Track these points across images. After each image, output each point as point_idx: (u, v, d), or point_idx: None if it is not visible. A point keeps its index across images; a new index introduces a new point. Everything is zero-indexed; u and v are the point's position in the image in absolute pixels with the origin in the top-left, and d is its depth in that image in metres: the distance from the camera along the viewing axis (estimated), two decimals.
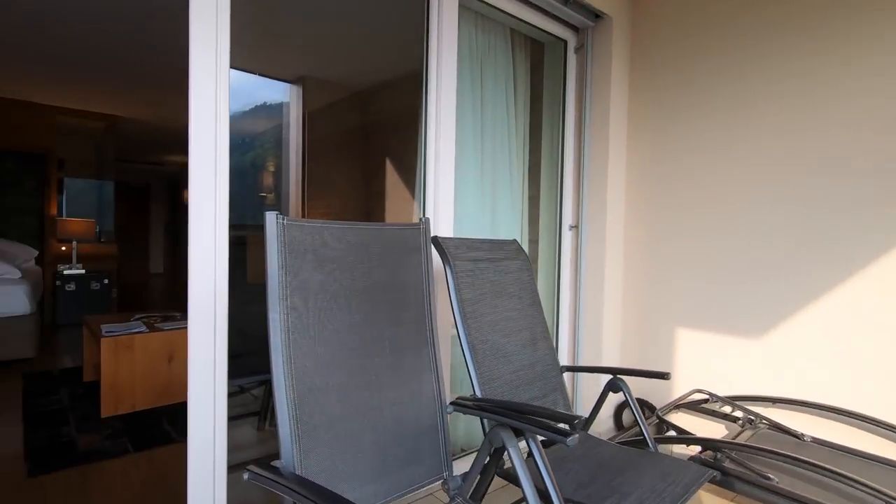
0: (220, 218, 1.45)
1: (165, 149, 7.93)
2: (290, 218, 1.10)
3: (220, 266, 1.46)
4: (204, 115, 1.41)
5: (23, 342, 3.46)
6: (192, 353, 1.35)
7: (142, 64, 3.86)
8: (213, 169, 1.42)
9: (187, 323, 1.37)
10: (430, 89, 1.92)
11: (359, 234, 1.25)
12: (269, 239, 1.08)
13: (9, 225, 4.96)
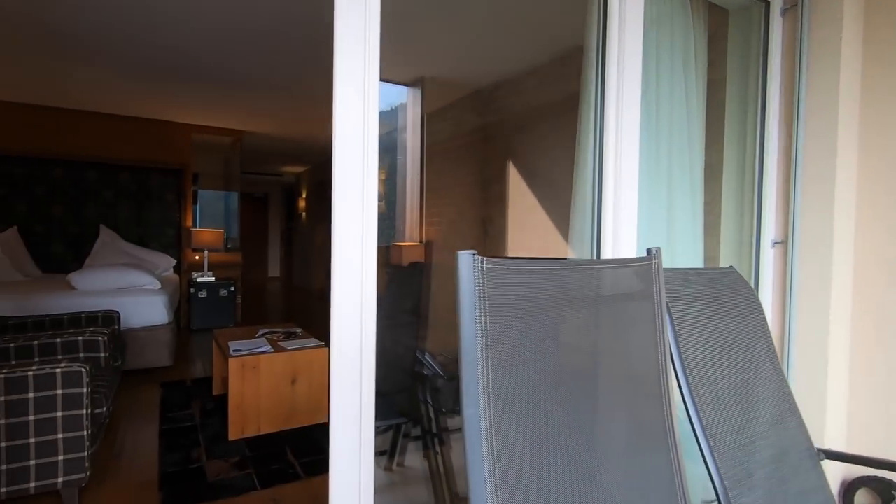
0: (367, 240, 1.17)
1: (283, 160, 8.31)
2: (490, 260, 0.74)
3: (368, 294, 1.19)
4: (351, 131, 1.15)
5: (161, 351, 3.59)
6: (335, 395, 1.11)
7: (266, 83, 3.90)
8: (360, 188, 1.14)
9: (307, 342, 1.10)
10: (610, 72, 1.50)
11: (578, 276, 0.86)
12: (464, 291, 0.73)
13: (152, 235, 5.36)
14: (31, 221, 4.83)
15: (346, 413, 1.15)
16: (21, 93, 4.46)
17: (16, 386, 1.73)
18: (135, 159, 5.25)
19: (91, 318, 2.93)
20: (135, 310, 3.55)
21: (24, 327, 2.75)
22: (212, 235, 5.36)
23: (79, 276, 3.53)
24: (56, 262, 4.92)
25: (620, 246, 1.51)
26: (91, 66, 3.69)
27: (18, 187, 4.77)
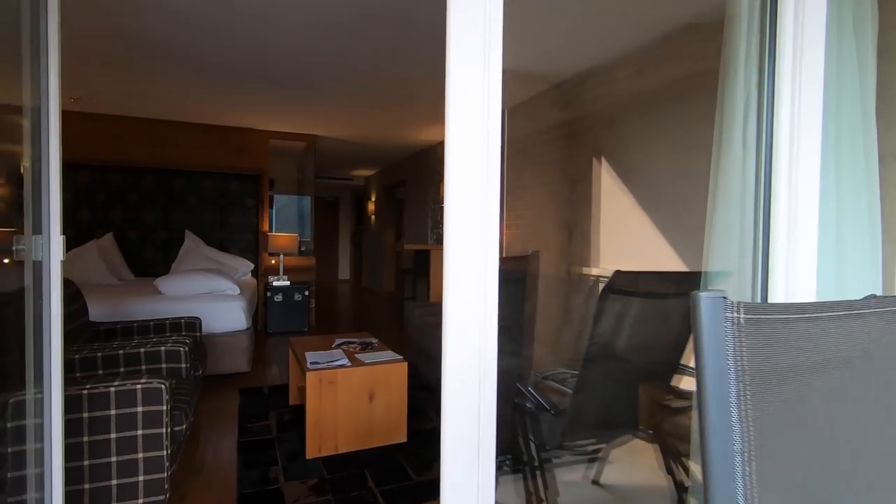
0: (489, 252, 0.96)
1: (354, 163, 8.37)
2: (750, 307, 0.46)
3: (490, 316, 1.00)
4: (469, 130, 0.95)
5: (240, 357, 3.59)
6: (450, 430, 0.91)
7: (342, 85, 3.82)
8: (481, 192, 0.93)
9: (384, 355, 0.87)
10: (783, 41, 1.17)
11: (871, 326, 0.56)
12: (708, 350, 0.46)
13: (232, 240, 5.50)
14: (126, 227, 5.09)
15: (460, 451, 0.95)
16: (117, 106, 4.70)
17: (98, 402, 1.66)
18: (217, 166, 5.42)
19: (175, 325, 2.93)
20: (215, 315, 3.58)
21: (113, 334, 2.80)
22: (287, 240, 5.41)
23: (165, 282, 3.61)
24: (147, 266, 5.16)
25: (797, 273, 1.17)
26: (177, 77, 3.78)
27: (115, 195, 5.05)
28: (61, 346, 1.33)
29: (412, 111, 4.75)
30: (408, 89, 4.01)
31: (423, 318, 3.89)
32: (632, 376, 1.74)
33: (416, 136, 5.92)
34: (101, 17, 2.77)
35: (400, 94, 4.20)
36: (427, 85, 3.89)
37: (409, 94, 4.16)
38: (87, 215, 4.96)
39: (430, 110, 4.71)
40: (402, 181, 7.81)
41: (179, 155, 5.29)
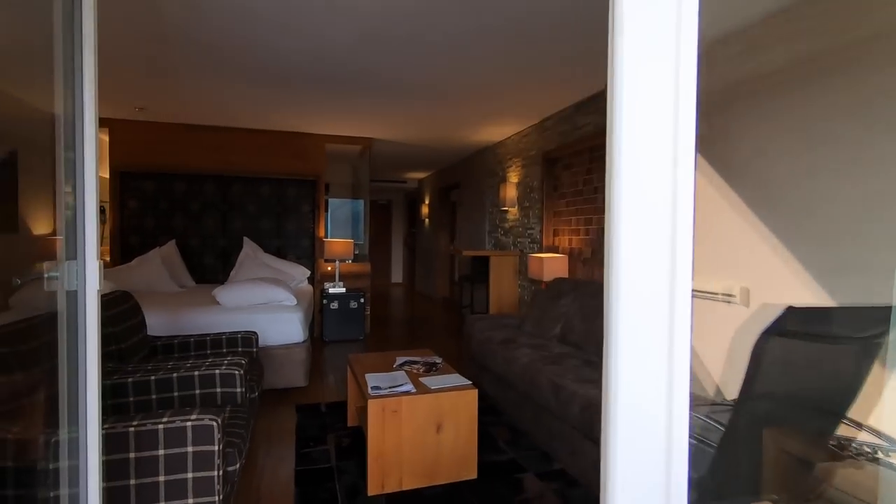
0: (679, 273, 0.66)
1: (407, 166, 8.21)
2: None
3: (679, 340, 0.68)
4: (649, 113, 0.65)
5: (297, 371, 3.45)
6: None
7: (398, 86, 3.60)
8: (667, 199, 0.62)
9: (451, 379, 0.57)
10: None
11: None
12: None
13: (289, 246, 5.44)
14: (188, 235, 5.13)
15: None
16: (180, 114, 4.73)
17: (146, 440, 1.49)
18: (274, 172, 5.38)
19: (231, 341, 2.81)
20: (272, 327, 3.45)
21: (170, 349, 2.70)
22: (342, 246, 5.29)
23: (223, 292, 3.53)
24: (208, 273, 5.18)
25: None
26: (236, 82, 3.70)
27: (177, 203, 5.10)
28: (98, 385, 1.14)
29: (470, 110, 4.47)
30: (466, 87, 3.74)
31: (487, 332, 3.60)
32: (792, 436, 1.38)
33: (474, 136, 5.64)
34: (160, 25, 2.68)
35: (458, 93, 3.93)
36: (487, 82, 3.60)
37: (468, 91, 3.89)
38: (151, 223, 5.03)
39: (489, 108, 4.42)
40: (456, 183, 7.56)
41: (239, 161, 5.28)
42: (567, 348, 3.15)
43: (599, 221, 3.88)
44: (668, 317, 0.69)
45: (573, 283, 3.64)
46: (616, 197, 0.69)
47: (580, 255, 4.15)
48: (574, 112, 4.23)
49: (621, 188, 0.69)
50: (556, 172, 4.60)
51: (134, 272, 4.31)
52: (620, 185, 0.69)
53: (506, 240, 5.64)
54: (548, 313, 3.53)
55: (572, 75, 3.51)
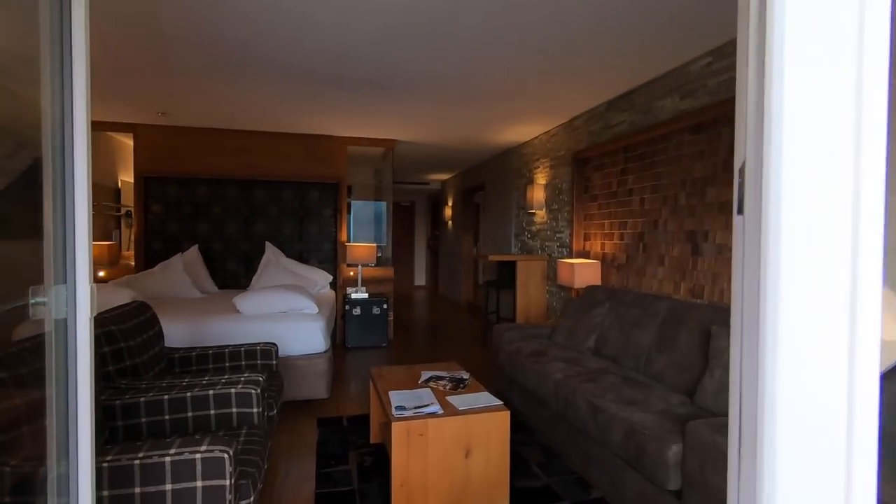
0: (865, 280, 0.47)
1: (431, 168, 8.07)
2: None
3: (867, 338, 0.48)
4: (820, 80, 0.44)
5: (318, 382, 3.33)
6: None
7: (423, 84, 3.46)
8: (848, 189, 0.43)
9: (481, 398, 0.38)
10: None
11: None
12: None
13: (311, 251, 5.35)
14: (210, 239, 5.10)
15: None
16: (202, 118, 4.68)
17: (152, 474, 1.37)
18: (297, 175, 5.30)
19: (250, 353, 2.70)
20: (293, 336, 3.34)
21: (188, 362, 2.60)
22: (365, 250, 5.17)
23: (243, 300, 3.44)
24: (230, 278, 5.14)
25: None
26: (258, 83, 3.61)
27: (201, 207, 5.07)
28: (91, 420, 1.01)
29: (497, 109, 4.29)
30: (493, 85, 3.56)
31: (515, 343, 3.42)
32: None
33: (499, 137, 5.46)
34: (177, 26, 2.59)
35: (484, 91, 3.76)
36: (515, 80, 3.41)
37: (495, 90, 3.71)
38: (175, 227, 5.01)
39: (516, 107, 4.23)
40: (481, 185, 7.38)
41: (260, 165, 5.23)
42: (603, 362, 2.94)
43: (636, 225, 3.65)
44: (849, 302, 0.51)
45: (608, 292, 3.42)
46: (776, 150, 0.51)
47: (614, 261, 3.93)
48: (606, 110, 4.01)
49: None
50: (586, 173, 4.38)
51: (157, 278, 4.28)
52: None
53: (533, 243, 5.44)
54: (581, 323, 3.33)
55: (604, 72, 3.30)
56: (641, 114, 3.56)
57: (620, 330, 3.05)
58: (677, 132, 3.23)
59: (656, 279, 3.42)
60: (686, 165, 3.15)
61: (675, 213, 3.25)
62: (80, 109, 0.98)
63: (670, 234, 3.28)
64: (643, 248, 3.57)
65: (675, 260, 3.23)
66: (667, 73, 3.28)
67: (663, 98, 3.33)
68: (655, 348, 2.72)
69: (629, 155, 3.76)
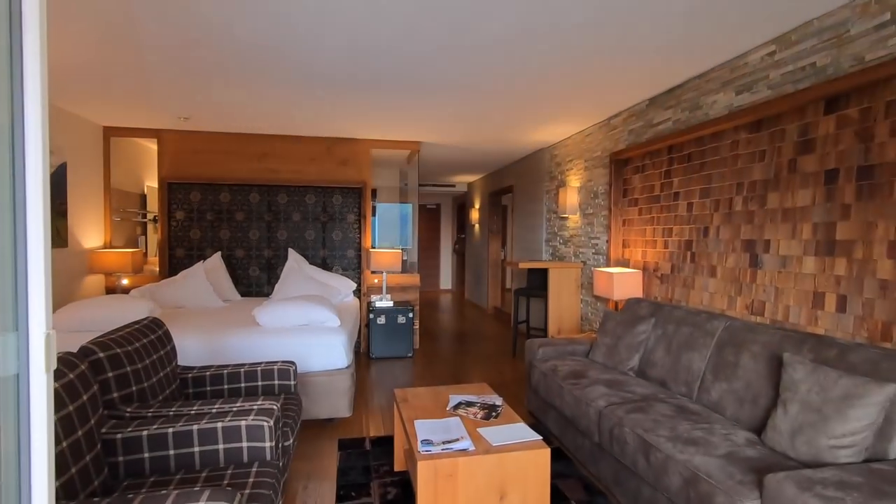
0: None
1: (457, 169, 7.85)
2: None
3: None
4: None
5: (339, 401, 3.15)
6: None
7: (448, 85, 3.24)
8: None
9: (517, 431, 0.27)
10: None
11: None
12: None
13: (335, 257, 5.20)
14: (233, 246, 5.00)
15: None
16: (225, 122, 4.58)
17: None
18: (320, 180, 5.16)
19: (267, 373, 2.53)
20: (314, 351, 3.17)
21: (201, 382, 2.45)
22: (390, 257, 4.99)
23: (262, 313, 3.29)
24: (253, 286, 5.03)
25: None
26: (277, 85, 3.46)
27: (223, 214, 4.98)
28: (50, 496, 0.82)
29: (528, 108, 4.04)
30: (525, 82, 3.31)
31: (550, 361, 3.16)
32: None
33: (529, 137, 5.19)
34: (196, 28, 2.45)
35: (515, 89, 3.51)
36: (549, 76, 3.16)
37: (527, 88, 3.46)
38: (197, 234, 4.93)
39: (549, 106, 3.96)
40: (509, 187, 7.12)
41: (283, 169, 5.10)
42: (649, 386, 2.66)
43: (682, 232, 3.34)
44: None
45: (653, 306, 3.13)
46: None
47: (656, 271, 3.62)
48: (648, 108, 3.71)
49: None
50: (625, 175, 4.08)
51: (179, 287, 4.19)
52: None
53: (565, 249, 5.15)
54: (622, 341, 3.05)
55: (647, 67, 3.01)
56: (689, 111, 3.25)
57: (668, 350, 2.76)
58: (732, 130, 2.92)
59: (706, 292, 3.11)
60: (742, 167, 2.84)
61: (728, 220, 2.93)
62: (35, 121, 0.79)
63: (724, 243, 2.97)
64: (691, 257, 3.26)
65: (730, 272, 2.92)
66: (718, 65, 2.97)
67: (714, 93, 3.02)
68: (711, 373, 2.42)
69: (674, 155, 3.45)
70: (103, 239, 4.79)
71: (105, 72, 3.22)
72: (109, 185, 4.80)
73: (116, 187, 4.93)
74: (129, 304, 3.07)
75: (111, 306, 3.04)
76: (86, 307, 3.03)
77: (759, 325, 2.38)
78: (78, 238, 4.37)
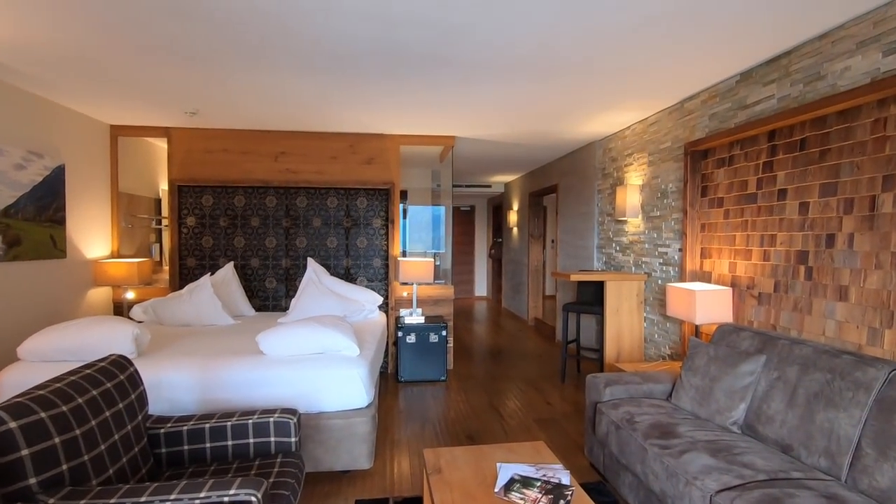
0: None
1: (493, 168, 7.21)
2: None
3: None
4: None
5: (357, 448, 2.57)
6: None
7: (489, 65, 2.62)
8: None
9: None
10: None
11: None
12: None
13: (359, 267, 4.65)
14: (248, 255, 4.52)
15: None
16: (238, 118, 4.11)
17: None
18: (342, 181, 4.62)
19: (260, 427, 1.97)
20: (328, 385, 2.61)
21: (177, 439, 1.91)
22: (420, 267, 4.39)
23: (267, 339, 2.75)
24: (270, 298, 4.54)
25: None
26: (290, 70, 2.92)
27: (238, 220, 4.51)
28: None
29: (579, 91, 3.36)
30: (577, 59, 2.65)
31: (623, 406, 2.48)
32: None
33: (579, 128, 4.50)
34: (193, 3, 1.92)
35: (569, 68, 2.85)
36: (606, 51, 2.49)
37: (582, 66, 2.80)
38: (210, 242, 4.48)
39: (605, 88, 3.28)
40: (552, 187, 6.41)
41: (302, 169, 4.60)
42: (771, 455, 1.95)
43: (791, 241, 2.60)
44: None
45: (760, 338, 2.40)
46: None
47: (751, 289, 2.89)
48: (738, 84, 2.97)
49: None
50: (704, 170, 3.35)
51: (184, 303, 3.72)
52: None
53: (623, 258, 4.43)
54: (720, 383, 2.34)
55: (742, 28, 2.30)
56: (803, 83, 2.51)
57: (792, 403, 2.04)
58: (875, 105, 2.17)
59: (831, 320, 2.36)
60: (894, 153, 2.09)
61: (869, 225, 2.19)
62: None
63: (861, 256, 2.22)
64: (806, 272, 2.51)
65: (872, 294, 2.17)
66: (854, 18, 2.23)
67: (846, 57, 2.27)
68: (873, 447, 1.70)
69: (779, 143, 2.71)
70: (111, 248, 4.39)
71: (102, 61, 2.77)
72: (117, 189, 4.41)
73: (126, 191, 4.53)
74: (110, 329, 2.58)
75: (87, 332, 2.56)
76: (58, 333, 2.55)
77: None
78: (79, 247, 3.97)
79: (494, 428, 3.36)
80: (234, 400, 2.57)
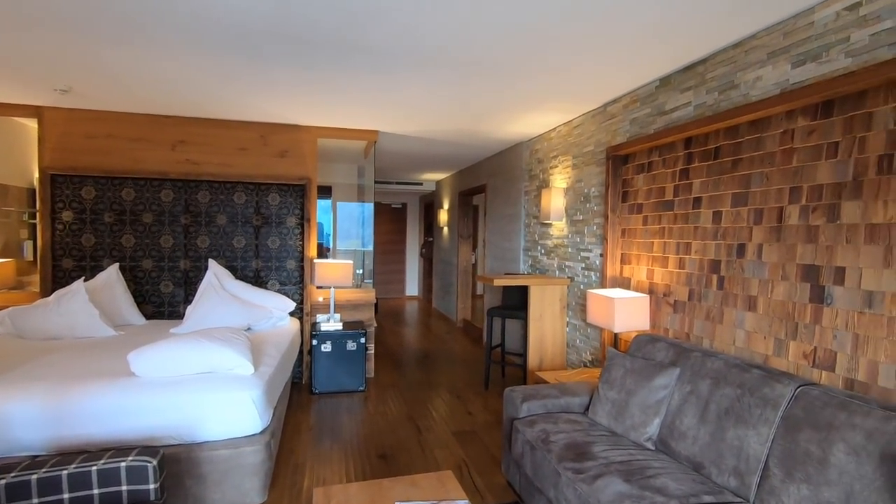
0: None
1: (422, 166, 6.99)
2: None
3: None
4: None
5: (247, 482, 2.25)
6: None
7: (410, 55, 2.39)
8: None
9: None
10: None
11: None
12: None
13: (271, 269, 4.26)
14: (139, 256, 4.00)
15: None
16: (125, 100, 3.58)
17: None
18: (251, 175, 4.21)
19: (108, 475, 1.61)
20: (213, 411, 2.27)
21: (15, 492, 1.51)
22: (338, 270, 4.09)
23: (139, 358, 2.35)
24: (166, 304, 4.04)
25: None
26: (178, 47, 2.52)
27: (127, 215, 3.96)
28: None
29: (503, 91, 3.23)
30: (500, 56, 2.49)
31: (539, 424, 2.35)
32: None
33: (506, 128, 4.39)
34: None
35: (489, 65, 2.69)
36: (529, 50, 2.35)
37: (502, 62, 2.65)
38: (91, 241, 3.90)
39: (529, 89, 3.16)
40: (481, 186, 6.30)
41: (205, 161, 4.13)
42: (683, 474, 1.87)
43: (706, 249, 2.59)
44: None
45: (674, 350, 2.35)
46: None
47: (667, 296, 2.87)
48: (658, 90, 2.95)
49: None
50: (625, 175, 3.32)
51: (50, 312, 3.18)
52: None
53: (548, 261, 4.37)
54: (635, 397, 2.27)
55: (661, 33, 2.23)
56: (718, 91, 2.50)
57: (703, 418, 1.99)
58: (784, 116, 2.17)
59: (741, 330, 2.36)
60: (800, 165, 2.09)
61: (778, 237, 2.19)
62: None
63: (769, 267, 2.22)
64: (718, 282, 2.51)
65: (778, 306, 2.17)
66: (766, 28, 2.22)
67: (758, 66, 2.26)
68: (780, 467, 1.66)
69: (695, 150, 2.70)
70: None
71: None
72: None
73: None
74: None
75: None
76: None
77: (855, 399, 1.62)
78: None
79: (410, 444, 3.15)
80: (98, 435, 2.17)
